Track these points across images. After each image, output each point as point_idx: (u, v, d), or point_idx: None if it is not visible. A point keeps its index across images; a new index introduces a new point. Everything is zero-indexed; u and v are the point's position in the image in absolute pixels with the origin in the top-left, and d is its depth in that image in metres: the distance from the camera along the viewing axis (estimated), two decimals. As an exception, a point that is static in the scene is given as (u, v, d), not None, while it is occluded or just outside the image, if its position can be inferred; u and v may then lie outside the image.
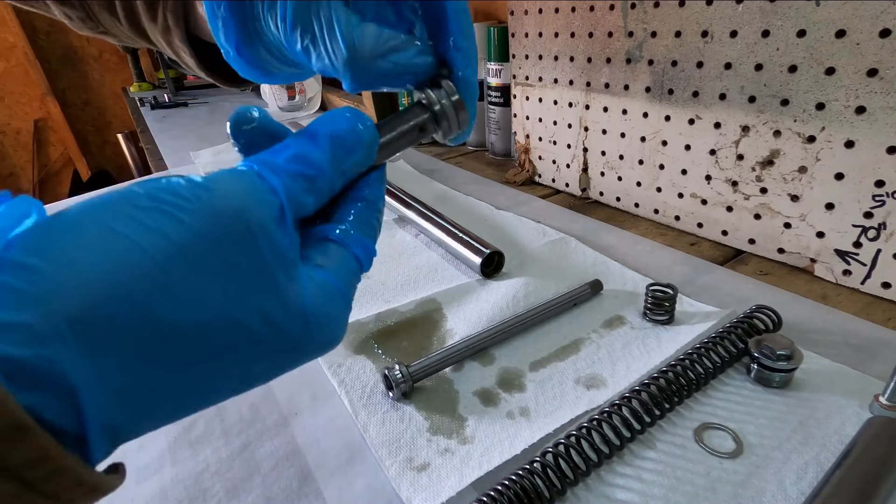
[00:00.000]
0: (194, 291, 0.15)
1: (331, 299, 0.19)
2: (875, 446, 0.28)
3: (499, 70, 0.80)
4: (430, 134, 0.24)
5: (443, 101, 0.23)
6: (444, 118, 0.24)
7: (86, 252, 0.14)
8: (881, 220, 0.41)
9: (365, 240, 0.21)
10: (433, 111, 0.24)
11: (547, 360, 0.39)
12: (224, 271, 0.16)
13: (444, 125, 0.24)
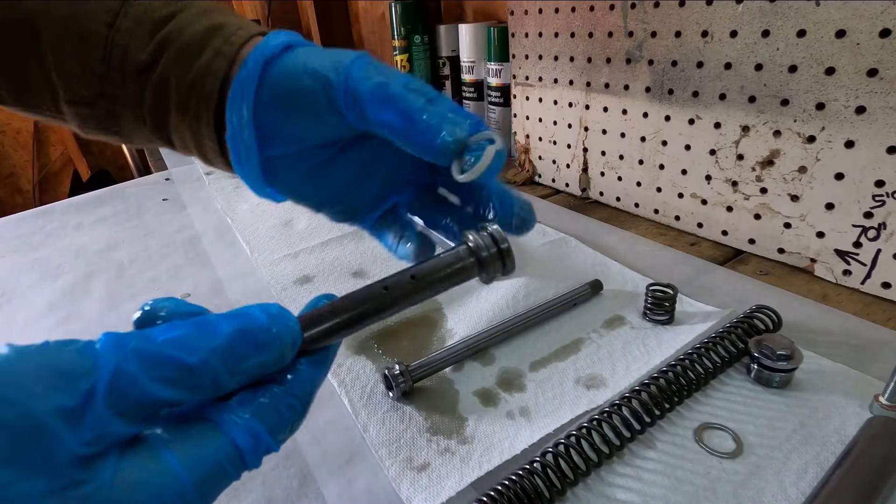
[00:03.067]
0: None
1: (150, 491, 0.15)
2: (875, 446, 0.28)
3: (499, 70, 0.80)
4: (469, 279, 0.24)
5: (491, 250, 0.23)
6: (490, 264, 0.23)
7: None
8: (881, 220, 0.41)
9: (257, 427, 0.17)
10: (479, 257, 0.23)
11: (547, 360, 0.39)
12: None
13: (490, 271, 0.23)
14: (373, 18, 1.26)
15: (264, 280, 0.54)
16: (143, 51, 0.26)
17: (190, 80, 0.26)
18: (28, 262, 0.64)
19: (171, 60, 0.26)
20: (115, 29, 0.26)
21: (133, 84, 0.27)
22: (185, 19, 0.27)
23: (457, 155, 0.23)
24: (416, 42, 0.92)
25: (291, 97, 0.25)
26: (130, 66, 0.26)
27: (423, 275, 0.22)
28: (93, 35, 0.26)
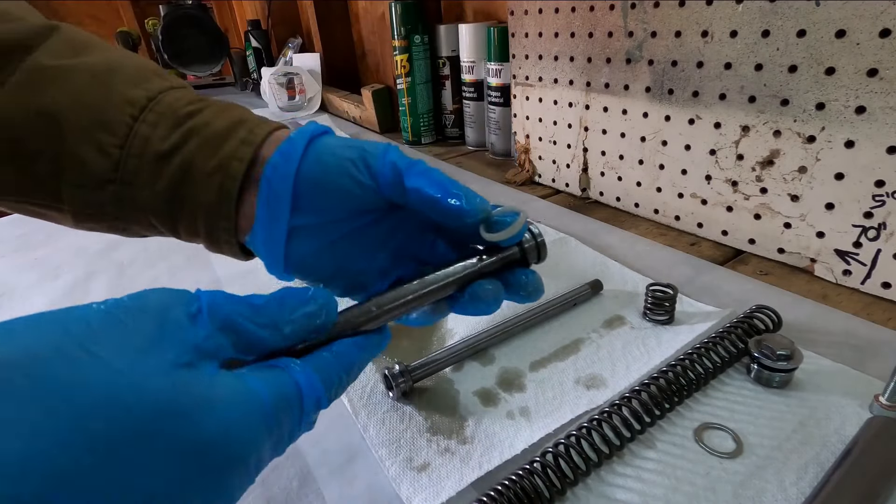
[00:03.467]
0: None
1: (237, 399, 0.18)
2: (875, 446, 0.28)
3: (499, 70, 0.80)
4: (512, 265, 0.30)
5: (530, 243, 0.29)
6: (530, 252, 0.29)
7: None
8: (881, 220, 0.41)
9: (313, 375, 0.21)
10: (522, 247, 0.29)
11: (547, 360, 0.39)
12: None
13: (530, 258, 0.29)
14: (373, 18, 1.26)
15: (264, 280, 0.54)
16: (166, 140, 0.28)
17: (214, 164, 0.28)
18: (28, 262, 0.64)
19: (196, 147, 0.28)
20: (140, 121, 0.28)
21: (150, 168, 0.28)
22: (208, 115, 0.29)
23: (484, 219, 0.27)
24: (416, 42, 0.92)
25: (330, 166, 0.28)
26: (150, 153, 0.28)
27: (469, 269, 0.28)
28: (116, 124, 0.28)
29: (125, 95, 0.28)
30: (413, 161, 0.28)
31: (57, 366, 0.15)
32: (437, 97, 0.98)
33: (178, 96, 0.30)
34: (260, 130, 0.29)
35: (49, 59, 0.28)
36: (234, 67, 1.80)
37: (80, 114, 0.28)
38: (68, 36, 0.30)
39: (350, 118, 1.25)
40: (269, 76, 1.30)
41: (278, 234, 0.29)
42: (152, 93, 0.29)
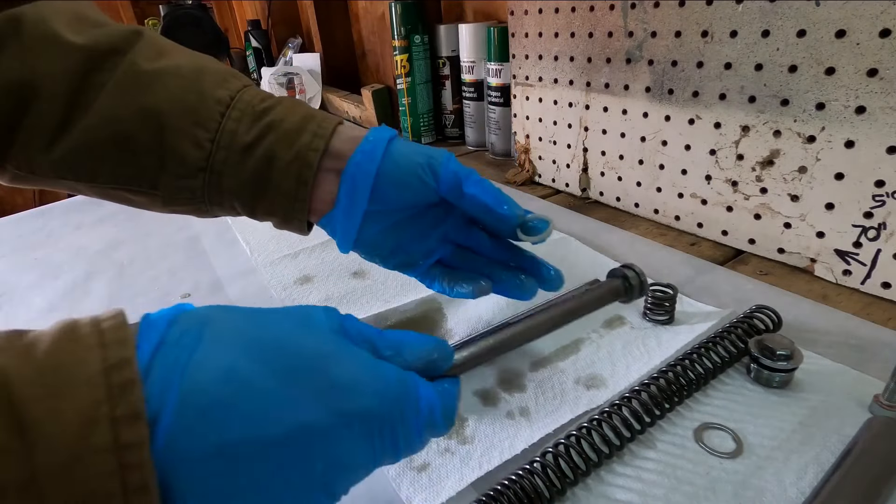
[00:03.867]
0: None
1: (375, 369, 0.23)
2: (875, 446, 0.28)
3: (499, 70, 0.80)
4: (614, 301, 0.38)
5: (634, 281, 0.38)
6: (632, 290, 0.38)
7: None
8: (881, 220, 0.41)
9: (431, 390, 0.24)
10: (630, 285, 0.38)
11: (547, 360, 0.39)
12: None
13: (632, 295, 0.38)
14: (373, 18, 1.26)
15: (264, 280, 0.54)
16: (249, 133, 0.33)
17: (292, 155, 0.33)
18: (28, 262, 0.64)
19: (276, 140, 0.33)
20: (227, 117, 0.33)
21: (236, 158, 0.33)
22: (281, 112, 0.34)
23: (521, 224, 0.33)
24: (416, 42, 0.92)
25: (404, 168, 0.33)
26: (237, 145, 0.33)
27: (586, 301, 0.35)
28: (208, 121, 0.33)
29: (214, 95, 0.33)
30: (469, 170, 0.34)
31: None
32: (437, 97, 0.98)
33: (252, 94, 0.34)
34: (327, 125, 0.34)
35: (145, 62, 0.33)
36: (234, 67, 1.80)
37: (178, 112, 0.32)
38: (154, 41, 0.34)
39: (350, 118, 1.25)
40: (269, 76, 1.30)
41: (355, 218, 0.34)
42: (233, 92, 0.34)
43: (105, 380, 0.16)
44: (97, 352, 0.17)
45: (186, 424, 0.17)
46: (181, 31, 1.50)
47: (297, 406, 0.19)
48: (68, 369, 0.16)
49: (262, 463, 0.18)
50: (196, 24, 1.52)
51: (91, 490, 0.15)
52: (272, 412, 0.19)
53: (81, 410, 0.16)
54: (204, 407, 0.17)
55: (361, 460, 0.22)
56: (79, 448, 0.15)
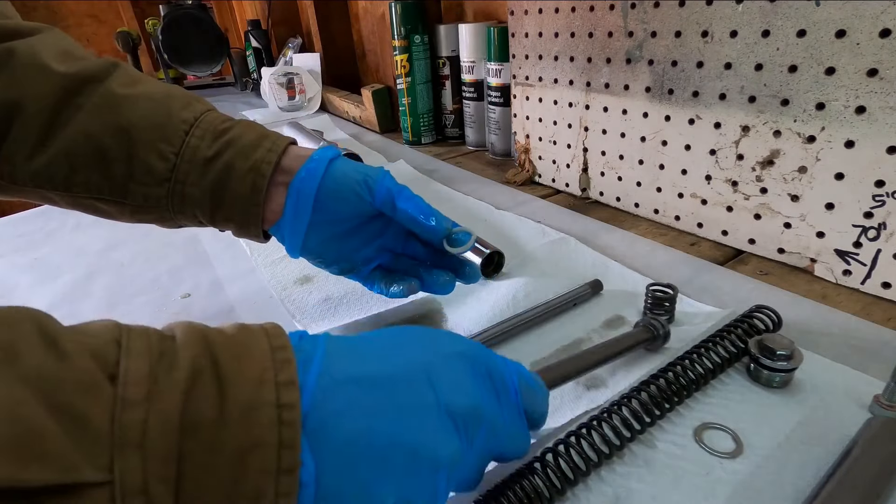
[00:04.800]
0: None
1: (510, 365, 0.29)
2: (875, 446, 0.28)
3: (499, 70, 0.80)
4: (640, 347, 0.38)
5: (662, 330, 0.38)
6: (658, 339, 0.38)
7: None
8: (881, 220, 0.41)
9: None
10: (657, 335, 0.38)
11: (547, 359, 0.39)
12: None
13: (657, 343, 0.38)
14: (373, 18, 1.26)
15: (264, 280, 0.54)
16: (210, 148, 0.38)
17: (249, 166, 0.38)
18: (28, 262, 0.64)
19: (235, 153, 0.38)
20: (190, 135, 0.38)
21: (198, 170, 0.38)
22: (239, 130, 0.39)
23: (447, 236, 0.40)
24: (416, 42, 0.92)
25: (342, 184, 0.39)
26: (198, 158, 0.38)
27: (621, 345, 0.37)
28: (174, 137, 0.37)
29: (180, 116, 0.38)
30: (402, 187, 0.40)
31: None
32: (437, 97, 0.98)
33: (214, 116, 0.40)
34: (280, 143, 0.40)
35: (120, 88, 0.37)
36: (234, 67, 1.80)
37: (147, 128, 0.37)
38: (129, 72, 0.39)
39: (350, 118, 1.25)
40: (269, 76, 1.30)
41: (300, 227, 0.39)
42: (197, 113, 0.39)
43: (272, 355, 0.21)
44: (265, 339, 0.22)
45: (325, 393, 0.21)
46: (181, 31, 1.50)
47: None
48: (249, 345, 0.21)
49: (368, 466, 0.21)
50: (196, 24, 1.52)
51: (256, 437, 0.19)
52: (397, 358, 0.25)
53: (257, 374, 0.20)
54: (339, 380, 0.22)
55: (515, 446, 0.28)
56: (254, 400, 0.19)
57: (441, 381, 0.24)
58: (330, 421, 0.21)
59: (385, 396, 0.22)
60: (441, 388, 0.24)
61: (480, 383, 0.26)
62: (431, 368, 0.24)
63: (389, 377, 0.23)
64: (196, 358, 0.20)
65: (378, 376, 0.23)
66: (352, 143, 1.03)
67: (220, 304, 0.52)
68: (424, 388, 0.24)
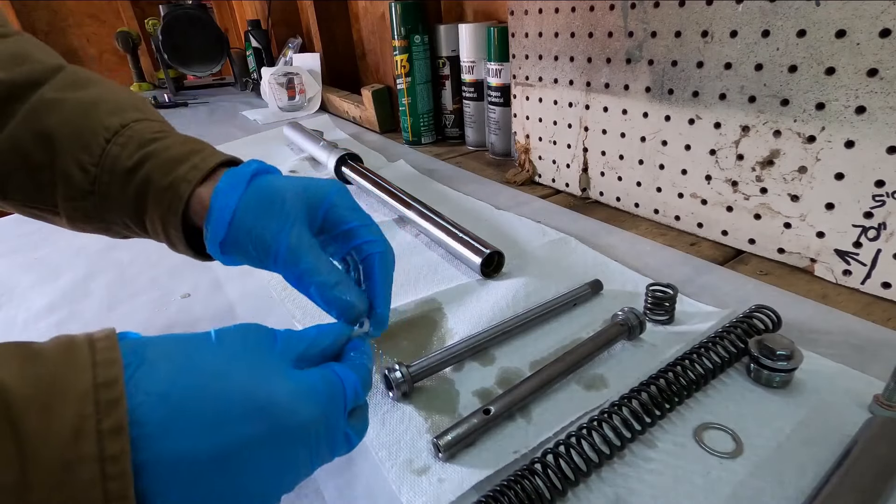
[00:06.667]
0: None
1: (303, 385, 0.24)
2: (875, 446, 0.28)
3: (499, 70, 0.80)
4: (619, 339, 0.40)
5: (636, 322, 0.39)
6: (633, 329, 0.40)
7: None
8: (881, 220, 0.41)
9: (348, 371, 0.27)
10: (630, 326, 0.39)
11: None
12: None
13: (632, 334, 0.40)
14: (373, 18, 1.26)
15: (264, 280, 0.54)
16: (130, 159, 0.34)
17: (167, 183, 0.34)
18: (28, 262, 0.64)
19: (154, 167, 0.34)
20: (112, 143, 0.34)
21: (119, 181, 0.34)
22: (168, 142, 0.35)
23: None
24: (416, 42, 0.92)
25: (265, 201, 0.33)
26: (119, 169, 0.34)
27: (598, 340, 0.38)
28: (94, 146, 0.34)
29: (103, 122, 0.34)
30: (302, 255, 0.32)
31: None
32: (437, 97, 0.98)
33: (148, 126, 0.36)
34: (212, 160, 0.35)
35: (52, 92, 0.35)
36: (234, 67, 1.80)
37: (67, 137, 0.34)
38: (72, 75, 0.36)
39: (350, 118, 1.25)
40: (269, 76, 1.30)
41: (218, 235, 0.33)
42: (126, 121, 0.35)
43: (94, 395, 0.18)
44: (88, 371, 0.19)
45: (161, 436, 0.19)
46: (181, 31, 1.50)
47: (234, 425, 0.21)
48: (63, 385, 0.18)
49: (214, 473, 0.20)
50: (196, 24, 1.52)
51: (75, 497, 0.17)
52: (212, 431, 0.21)
53: (71, 424, 0.17)
54: (166, 420, 0.20)
55: (302, 463, 0.24)
56: (68, 456, 0.17)
57: (270, 466, 0.23)
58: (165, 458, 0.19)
59: (205, 485, 0.21)
60: (270, 471, 0.23)
61: (314, 456, 0.25)
62: (258, 451, 0.22)
63: (208, 461, 0.21)
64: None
65: (197, 458, 0.20)
66: (352, 143, 1.03)
67: (219, 304, 0.52)
68: (250, 475, 0.22)
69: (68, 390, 0.18)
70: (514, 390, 0.35)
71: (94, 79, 0.38)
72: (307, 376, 0.25)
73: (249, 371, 0.23)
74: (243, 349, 0.24)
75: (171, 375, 0.21)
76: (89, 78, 0.37)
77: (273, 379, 0.24)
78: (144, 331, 0.49)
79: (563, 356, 0.37)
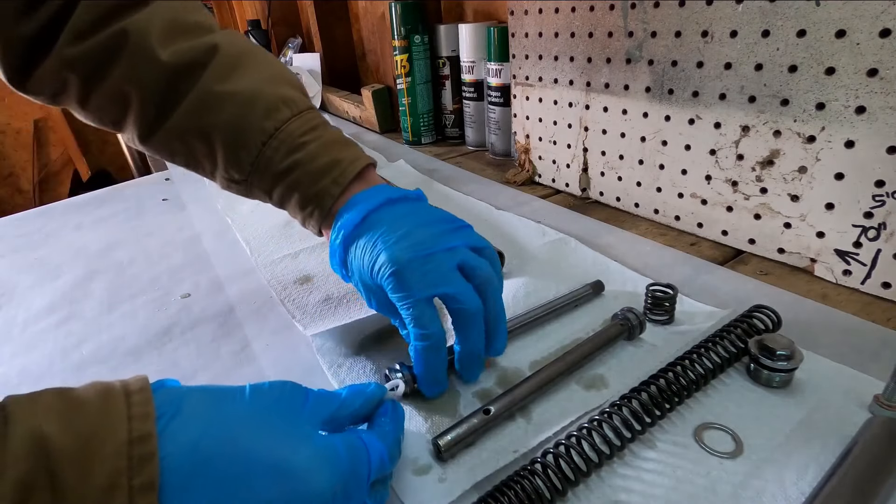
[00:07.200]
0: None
1: (322, 452, 0.25)
2: (875, 446, 0.28)
3: (499, 70, 0.80)
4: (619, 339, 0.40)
5: (636, 322, 0.40)
6: (635, 329, 0.40)
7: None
8: (881, 220, 0.41)
9: (375, 438, 0.27)
10: (630, 326, 0.40)
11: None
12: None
13: (633, 334, 0.40)
14: (373, 18, 1.26)
15: (264, 280, 0.54)
16: (282, 163, 0.39)
17: (311, 193, 0.39)
18: (28, 262, 0.64)
19: (301, 176, 0.39)
20: (266, 146, 0.39)
21: (269, 181, 0.40)
22: (314, 150, 0.39)
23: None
24: (416, 42, 0.92)
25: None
26: (270, 171, 0.40)
27: (598, 340, 0.39)
28: (251, 147, 0.39)
29: (260, 126, 0.39)
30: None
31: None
32: (437, 97, 0.98)
33: (297, 125, 0.40)
34: (351, 170, 0.40)
35: (213, 83, 0.39)
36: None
37: (228, 135, 0.39)
38: (225, 57, 0.40)
39: (350, 118, 1.25)
40: (269, 76, 1.30)
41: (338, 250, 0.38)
42: (279, 123, 0.39)
43: (128, 451, 0.19)
44: (124, 424, 0.20)
45: (183, 488, 0.20)
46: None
47: (253, 485, 0.22)
48: (101, 439, 0.19)
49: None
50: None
51: None
52: (231, 490, 0.21)
53: (106, 479, 0.18)
54: (192, 475, 0.21)
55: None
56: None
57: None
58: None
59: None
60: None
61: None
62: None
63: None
64: (27, 472, 0.18)
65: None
66: (352, 143, 1.03)
67: (220, 304, 0.52)
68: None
69: (106, 444, 0.19)
70: (514, 390, 0.35)
71: (242, 59, 0.41)
72: (331, 441, 0.25)
73: (274, 432, 0.24)
74: (274, 407, 0.25)
75: (203, 428, 0.22)
76: (238, 59, 0.40)
77: (297, 443, 0.24)
78: (144, 330, 0.49)
79: (563, 356, 0.37)
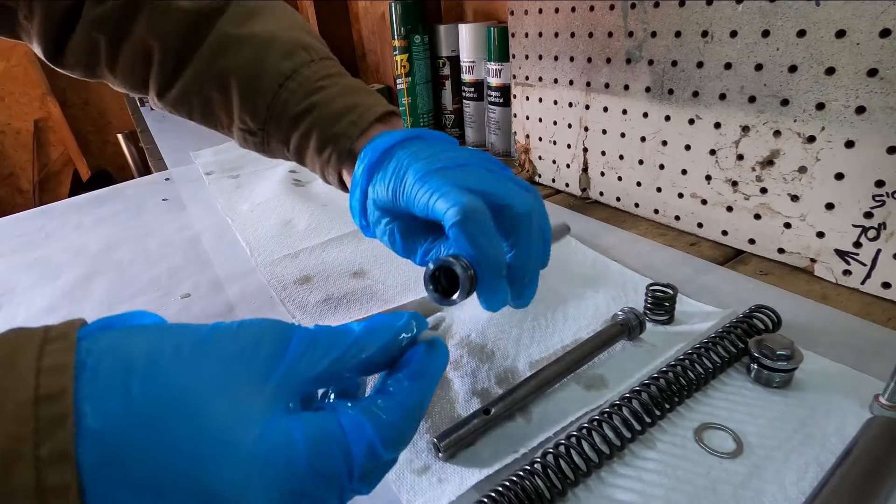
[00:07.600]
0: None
1: (266, 450, 0.18)
2: (875, 446, 0.28)
3: (499, 70, 0.80)
4: (619, 339, 0.40)
5: (636, 322, 0.39)
6: (635, 330, 0.40)
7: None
8: (881, 220, 0.41)
9: (361, 419, 0.19)
10: (630, 326, 0.39)
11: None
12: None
13: (633, 334, 0.40)
14: (373, 18, 1.26)
15: (264, 280, 0.54)
16: (299, 106, 0.38)
17: (328, 136, 0.38)
18: (28, 262, 0.64)
19: (317, 119, 0.38)
20: (283, 88, 0.38)
21: (286, 126, 0.39)
22: (331, 94, 0.38)
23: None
24: (416, 42, 0.92)
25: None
26: (287, 115, 0.38)
27: (598, 340, 0.38)
28: (267, 90, 0.38)
29: (277, 67, 0.38)
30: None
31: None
32: (437, 97, 0.98)
33: (315, 69, 0.39)
34: (370, 114, 0.38)
35: (230, 27, 0.38)
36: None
37: (244, 78, 0.38)
38: (244, 5, 0.39)
39: (350, 118, 1.25)
40: (269, 76, 1.30)
41: (359, 195, 0.34)
42: (296, 65, 0.38)
43: (34, 411, 0.14)
44: (31, 379, 0.15)
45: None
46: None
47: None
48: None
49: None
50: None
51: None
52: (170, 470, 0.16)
53: (4, 447, 0.14)
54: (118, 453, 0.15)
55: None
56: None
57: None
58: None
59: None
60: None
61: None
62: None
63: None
64: None
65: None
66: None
67: (220, 304, 0.52)
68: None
69: (5, 404, 0.14)
70: (514, 390, 0.35)
71: (266, 5, 0.40)
72: (288, 432, 0.18)
73: (209, 416, 0.17)
74: (230, 368, 0.18)
75: (123, 393, 0.16)
76: (258, 6, 0.40)
77: (237, 433, 0.17)
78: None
79: (563, 356, 0.37)
